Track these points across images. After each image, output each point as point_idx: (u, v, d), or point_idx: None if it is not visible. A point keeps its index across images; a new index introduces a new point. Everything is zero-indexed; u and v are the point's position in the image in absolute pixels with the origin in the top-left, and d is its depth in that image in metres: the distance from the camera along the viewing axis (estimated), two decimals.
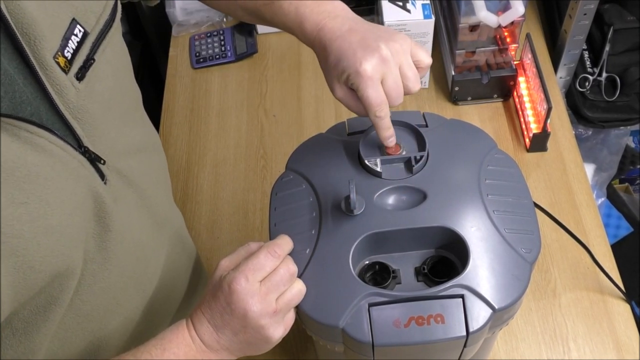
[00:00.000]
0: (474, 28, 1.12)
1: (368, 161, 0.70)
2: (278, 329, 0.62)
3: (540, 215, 0.71)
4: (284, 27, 0.73)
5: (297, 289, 0.63)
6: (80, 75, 0.57)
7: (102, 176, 0.60)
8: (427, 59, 0.68)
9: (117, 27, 0.64)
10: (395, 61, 0.65)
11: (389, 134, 0.69)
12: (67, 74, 0.56)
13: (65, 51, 0.56)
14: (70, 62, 0.56)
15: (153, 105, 1.31)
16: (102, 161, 0.60)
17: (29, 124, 0.52)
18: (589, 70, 1.30)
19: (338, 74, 0.66)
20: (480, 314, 0.62)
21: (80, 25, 0.58)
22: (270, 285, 0.61)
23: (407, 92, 0.67)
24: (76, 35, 0.57)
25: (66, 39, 0.56)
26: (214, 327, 0.61)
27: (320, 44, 0.68)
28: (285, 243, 0.65)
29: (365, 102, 0.65)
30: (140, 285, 0.71)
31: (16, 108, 0.51)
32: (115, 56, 0.64)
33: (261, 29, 1.37)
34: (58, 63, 0.55)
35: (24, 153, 0.51)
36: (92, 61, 0.59)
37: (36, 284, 0.53)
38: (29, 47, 0.52)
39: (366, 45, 0.65)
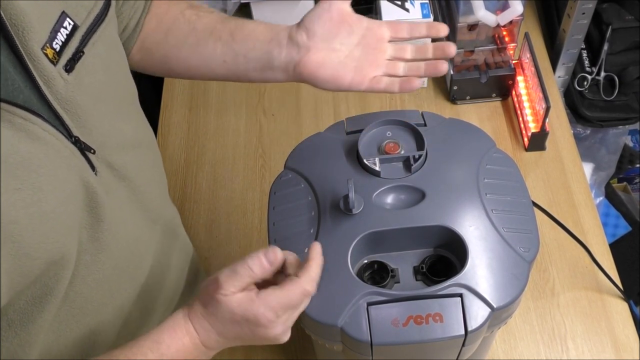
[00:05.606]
0: (472, 27, 1.12)
1: (367, 160, 0.70)
2: (288, 335, 0.62)
3: (538, 214, 0.71)
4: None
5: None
6: (69, 67, 0.57)
7: (92, 167, 0.60)
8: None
9: (110, 22, 0.65)
10: None
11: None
12: (56, 66, 0.56)
13: (54, 43, 0.56)
14: (58, 53, 0.56)
15: (152, 104, 1.31)
16: (92, 150, 0.60)
17: (24, 111, 0.52)
18: (588, 69, 1.30)
19: None
20: (478, 313, 0.62)
21: (70, 18, 0.58)
22: (295, 314, 0.61)
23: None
24: (65, 28, 0.57)
25: (55, 31, 0.56)
26: (224, 338, 0.61)
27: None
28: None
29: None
30: (134, 278, 0.72)
31: (9, 95, 0.52)
32: (107, 50, 0.64)
33: None
34: (46, 54, 0.55)
35: (17, 140, 0.51)
36: (81, 54, 0.59)
37: (32, 272, 0.53)
38: (18, 37, 0.53)
39: None
